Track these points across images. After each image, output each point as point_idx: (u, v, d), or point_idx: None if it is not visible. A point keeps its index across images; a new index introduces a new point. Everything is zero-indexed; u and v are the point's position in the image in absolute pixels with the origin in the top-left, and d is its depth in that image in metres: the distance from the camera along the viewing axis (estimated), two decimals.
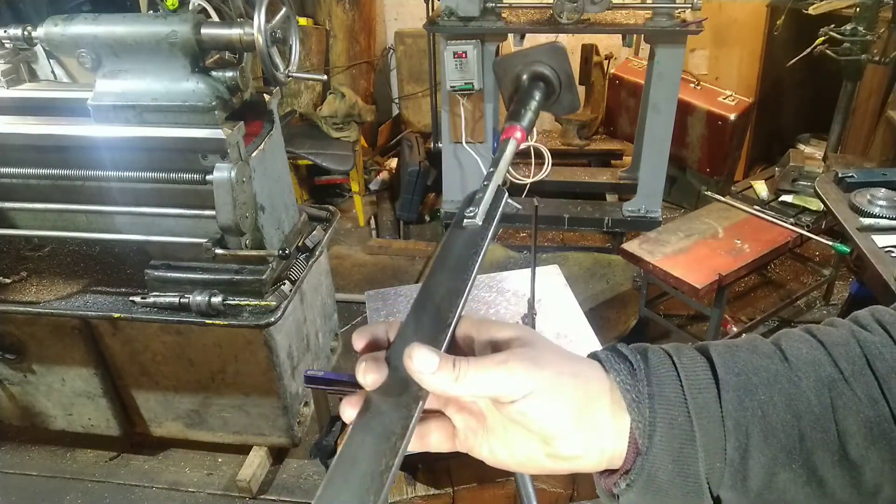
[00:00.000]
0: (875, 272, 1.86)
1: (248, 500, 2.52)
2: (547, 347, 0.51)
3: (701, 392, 0.50)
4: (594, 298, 3.23)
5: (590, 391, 0.50)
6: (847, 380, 0.50)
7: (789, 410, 0.50)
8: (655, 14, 2.96)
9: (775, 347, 0.54)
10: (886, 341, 0.52)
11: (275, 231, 2.15)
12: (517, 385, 0.47)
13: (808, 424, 0.49)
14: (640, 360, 0.52)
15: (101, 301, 2.12)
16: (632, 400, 0.50)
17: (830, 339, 0.53)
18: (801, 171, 2.90)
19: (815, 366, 0.52)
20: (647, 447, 0.49)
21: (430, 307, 0.52)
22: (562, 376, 0.48)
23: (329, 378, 1.57)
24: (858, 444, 0.49)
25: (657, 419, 0.49)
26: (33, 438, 2.78)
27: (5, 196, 2.07)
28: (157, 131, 1.85)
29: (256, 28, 1.72)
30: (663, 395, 0.50)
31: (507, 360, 0.48)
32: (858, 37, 2.76)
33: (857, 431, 0.49)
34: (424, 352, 0.47)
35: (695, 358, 0.53)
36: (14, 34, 1.88)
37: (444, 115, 3.29)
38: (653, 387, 0.50)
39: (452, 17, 3.00)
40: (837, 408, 0.49)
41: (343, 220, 4.22)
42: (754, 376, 0.51)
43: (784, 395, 0.50)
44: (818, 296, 3.47)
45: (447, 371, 0.47)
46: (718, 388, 0.50)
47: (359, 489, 0.43)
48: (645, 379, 0.51)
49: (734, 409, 0.50)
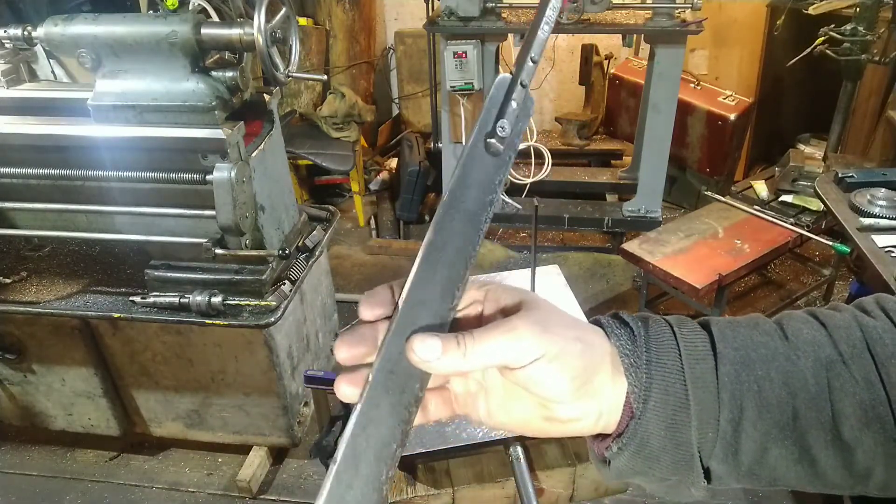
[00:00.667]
0: (875, 272, 1.86)
1: (248, 500, 2.52)
2: (553, 311, 0.50)
3: (698, 362, 0.51)
4: (594, 298, 3.23)
5: (593, 357, 0.50)
6: (846, 362, 0.51)
7: (785, 387, 0.50)
8: (655, 14, 2.96)
9: (776, 326, 0.55)
10: (888, 327, 0.53)
11: (275, 231, 2.15)
12: (526, 351, 0.47)
13: (804, 403, 0.50)
14: (640, 327, 0.53)
15: (101, 301, 2.12)
16: (630, 364, 0.50)
17: (832, 322, 0.54)
18: (801, 171, 2.90)
19: (814, 346, 0.52)
20: (641, 411, 0.50)
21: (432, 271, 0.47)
22: (568, 341, 0.48)
23: (329, 378, 1.57)
24: (853, 426, 0.49)
25: (653, 384, 0.50)
26: (33, 438, 2.78)
27: (5, 196, 2.07)
28: (157, 131, 1.85)
29: (256, 28, 1.72)
30: (661, 362, 0.50)
31: (516, 327, 0.47)
32: (858, 37, 2.76)
33: (851, 413, 0.49)
34: (426, 340, 0.46)
35: (695, 329, 0.53)
36: (14, 34, 1.88)
37: (444, 115, 3.29)
38: (651, 353, 0.51)
39: (452, 17, 3.00)
40: (834, 389, 0.50)
41: (343, 220, 4.22)
42: (753, 352, 0.52)
43: (781, 372, 0.51)
44: (818, 296, 3.47)
45: (453, 351, 0.46)
46: (716, 360, 0.51)
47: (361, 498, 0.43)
48: (644, 345, 0.51)
49: (730, 382, 0.50)
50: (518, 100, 0.47)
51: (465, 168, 0.47)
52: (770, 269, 3.63)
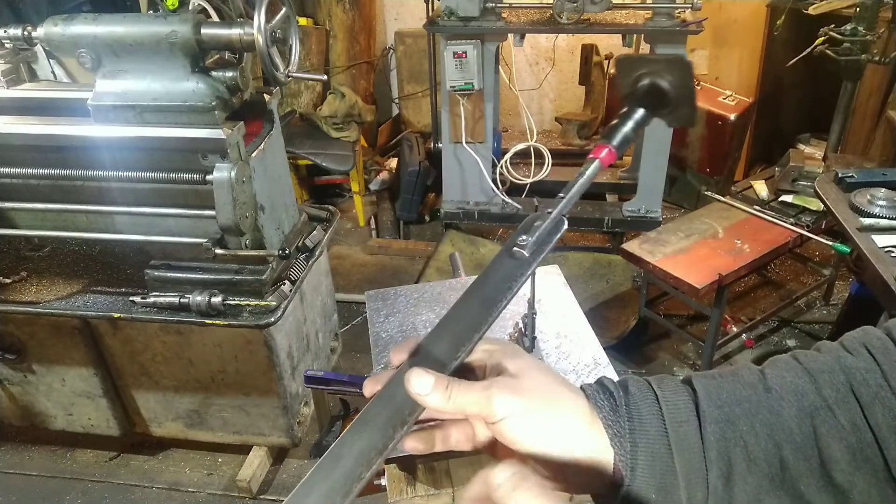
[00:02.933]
0: (875, 272, 1.86)
1: (248, 500, 2.52)
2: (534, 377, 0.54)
3: (681, 425, 0.52)
4: (594, 298, 3.23)
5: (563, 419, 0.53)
6: (830, 407, 0.52)
7: (770, 440, 0.51)
8: (655, 14, 2.95)
9: (759, 376, 0.56)
10: (871, 367, 0.53)
11: (275, 231, 2.15)
12: (494, 409, 0.51)
13: (790, 452, 0.51)
14: (621, 395, 0.55)
15: (101, 301, 2.12)
16: (613, 434, 0.53)
17: (815, 367, 0.55)
18: (801, 171, 2.90)
19: (797, 394, 0.53)
20: (630, 479, 0.52)
21: (447, 335, 0.56)
22: (534, 402, 0.52)
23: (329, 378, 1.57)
24: (843, 470, 0.50)
25: (638, 452, 0.52)
26: (33, 438, 2.78)
27: (5, 196, 2.07)
28: (157, 131, 1.85)
29: (256, 28, 1.72)
30: (643, 429, 0.53)
31: (490, 387, 0.52)
32: (858, 37, 2.75)
33: (841, 458, 0.50)
34: (422, 375, 0.51)
35: (677, 390, 0.55)
36: (14, 34, 1.88)
37: (444, 115, 3.29)
38: (633, 421, 0.53)
39: (452, 17, 3.00)
40: (821, 435, 0.51)
41: (343, 220, 4.22)
42: (736, 407, 0.53)
43: (765, 426, 0.52)
44: (818, 296, 3.47)
45: (441, 392, 0.51)
46: (700, 419, 0.52)
47: (329, 491, 0.49)
48: (626, 414, 0.54)
49: (716, 441, 0.51)
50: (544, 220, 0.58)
51: (491, 266, 0.58)
52: (770, 269, 3.64)
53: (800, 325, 3.32)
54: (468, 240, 3.59)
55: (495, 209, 3.50)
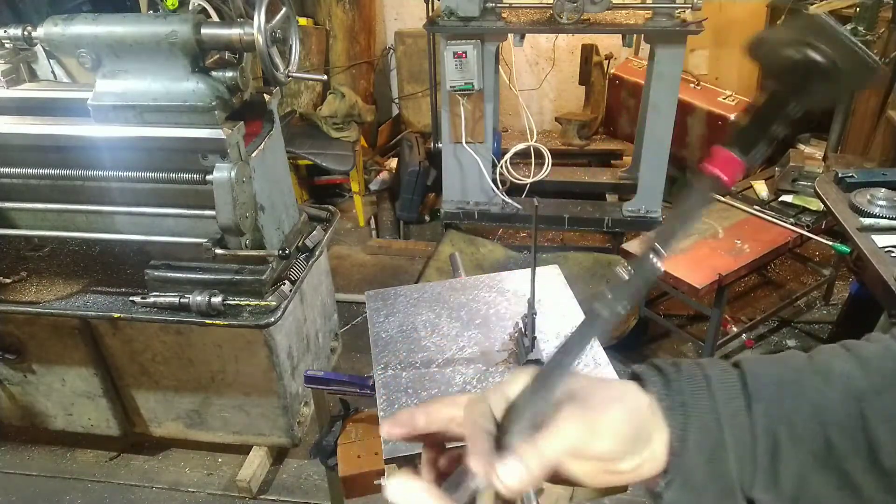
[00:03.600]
0: (875, 272, 1.86)
1: (248, 500, 2.52)
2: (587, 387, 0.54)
3: (731, 401, 0.54)
4: (594, 298, 3.23)
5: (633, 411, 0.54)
6: (879, 392, 0.53)
7: (815, 419, 0.53)
8: (655, 14, 2.95)
9: (807, 360, 0.57)
10: None
11: (275, 231, 2.15)
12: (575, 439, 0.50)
13: (836, 433, 0.52)
14: (673, 371, 0.57)
15: (101, 301, 2.12)
16: (667, 407, 0.54)
17: (864, 353, 0.56)
18: (801, 171, 2.90)
19: (845, 378, 0.54)
20: (681, 449, 0.53)
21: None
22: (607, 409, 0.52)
23: (329, 378, 1.57)
24: (891, 454, 0.51)
25: (689, 423, 0.53)
26: (33, 438, 2.78)
27: (5, 196, 2.07)
28: (157, 131, 1.85)
29: (256, 28, 1.72)
30: (695, 402, 0.54)
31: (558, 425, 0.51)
32: (858, 37, 2.75)
33: (888, 441, 0.51)
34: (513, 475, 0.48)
35: (726, 369, 0.57)
36: (14, 34, 1.88)
37: (444, 115, 3.28)
38: (685, 395, 0.55)
39: (452, 17, 2.99)
40: (868, 418, 0.52)
41: (343, 220, 4.22)
42: (783, 388, 0.55)
43: (811, 406, 0.53)
44: (818, 296, 3.47)
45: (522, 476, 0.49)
46: (748, 398, 0.54)
47: None
48: (678, 389, 0.55)
49: (762, 417, 0.53)
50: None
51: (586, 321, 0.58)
52: (770, 269, 3.63)
53: (800, 325, 3.32)
54: (468, 240, 3.58)
55: (495, 209, 3.50)
